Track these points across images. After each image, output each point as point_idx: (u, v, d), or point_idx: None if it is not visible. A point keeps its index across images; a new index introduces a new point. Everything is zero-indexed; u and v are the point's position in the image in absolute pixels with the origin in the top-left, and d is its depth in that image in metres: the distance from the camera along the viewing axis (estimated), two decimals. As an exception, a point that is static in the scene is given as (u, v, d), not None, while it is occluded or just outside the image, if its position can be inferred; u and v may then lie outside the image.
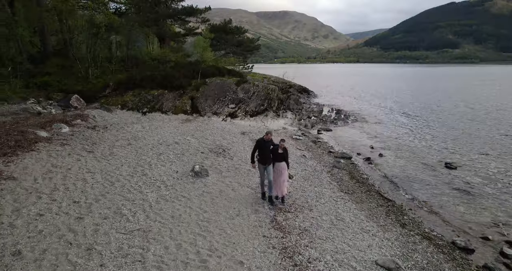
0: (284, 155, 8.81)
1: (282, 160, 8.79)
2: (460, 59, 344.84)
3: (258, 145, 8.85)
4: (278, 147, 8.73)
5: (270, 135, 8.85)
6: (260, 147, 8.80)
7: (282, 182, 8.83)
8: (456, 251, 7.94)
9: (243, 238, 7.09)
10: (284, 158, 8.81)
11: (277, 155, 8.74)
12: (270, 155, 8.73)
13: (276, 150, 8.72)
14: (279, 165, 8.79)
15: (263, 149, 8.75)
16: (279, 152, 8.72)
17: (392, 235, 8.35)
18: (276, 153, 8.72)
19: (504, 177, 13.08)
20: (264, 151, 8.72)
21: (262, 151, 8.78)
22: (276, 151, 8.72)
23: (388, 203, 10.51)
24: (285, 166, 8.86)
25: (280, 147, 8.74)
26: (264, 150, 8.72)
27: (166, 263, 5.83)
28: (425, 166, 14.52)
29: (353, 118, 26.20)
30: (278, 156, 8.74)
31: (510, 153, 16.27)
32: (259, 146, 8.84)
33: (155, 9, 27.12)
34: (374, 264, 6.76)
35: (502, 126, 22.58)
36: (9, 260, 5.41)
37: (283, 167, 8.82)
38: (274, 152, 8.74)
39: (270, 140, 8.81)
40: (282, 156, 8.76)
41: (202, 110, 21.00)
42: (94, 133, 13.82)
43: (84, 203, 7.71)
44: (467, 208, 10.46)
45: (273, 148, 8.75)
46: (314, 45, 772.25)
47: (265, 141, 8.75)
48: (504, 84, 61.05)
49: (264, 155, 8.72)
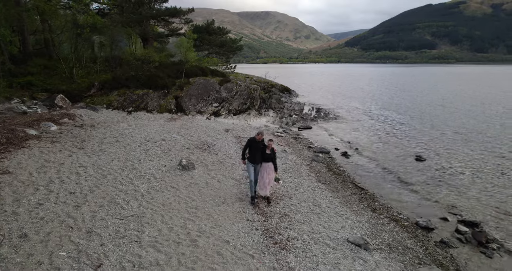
0: (271, 156, 8.87)
1: (269, 161, 8.88)
2: (437, 59, 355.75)
3: (249, 144, 8.96)
4: (266, 148, 8.83)
5: (262, 135, 8.92)
6: (251, 146, 8.91)
7: (268, 182, 8.94)
8: (418, 230, 8.97)
9: (229, 222, 7.85)
10: (271, 158, 8.89)
11: (265, 155, 8.84)
12: (260, 154, 8.83)
13: (264, 150, 8.82)
14: (267, 165, 8.89)
15: (254, 148, 8.85)
16: (267, 152, 8.82)
17: (363, 218, 9.29)
18: (265, 153, 8.82)
19: (464, 167, 14.33)
20: (254, 150, 8.83)
21: (252, 150, 8.88)
22: (264, 151, 8.82)
23: (361, 192, 11.49)
24: (272, 166, 8.94)
25: (268, 148, 8.83)
26: (255, 149, 8.83)
27: (160, 242, 6.53)
28: (397, 159, 15.65)
29: (332, 116, 27.32)
30: (266, 156, 8.84)
31: (471, 146, 17.63)
32: (250, 144, 8.94)
33: (138, 9, 27.43)
34: (346, 241, 7.65)
35: (468, 122, 24.15)
36: (18, 242, 5.99)
37: (270, 167, 8.91)
38: (263, 152, 8.82)
39: (261, 140, 8.91)
40: (270, 156, 8.85)
41: (186, 109, 21.59)
42: (82, 132, 14.25)
43: (79, 193, 8.28)
44: (431, 194, 11.55)
45: (262, 148, 8.85)
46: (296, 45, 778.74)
47: (257, 140, 8.84)
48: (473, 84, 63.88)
49: (254, 154, 8.83)
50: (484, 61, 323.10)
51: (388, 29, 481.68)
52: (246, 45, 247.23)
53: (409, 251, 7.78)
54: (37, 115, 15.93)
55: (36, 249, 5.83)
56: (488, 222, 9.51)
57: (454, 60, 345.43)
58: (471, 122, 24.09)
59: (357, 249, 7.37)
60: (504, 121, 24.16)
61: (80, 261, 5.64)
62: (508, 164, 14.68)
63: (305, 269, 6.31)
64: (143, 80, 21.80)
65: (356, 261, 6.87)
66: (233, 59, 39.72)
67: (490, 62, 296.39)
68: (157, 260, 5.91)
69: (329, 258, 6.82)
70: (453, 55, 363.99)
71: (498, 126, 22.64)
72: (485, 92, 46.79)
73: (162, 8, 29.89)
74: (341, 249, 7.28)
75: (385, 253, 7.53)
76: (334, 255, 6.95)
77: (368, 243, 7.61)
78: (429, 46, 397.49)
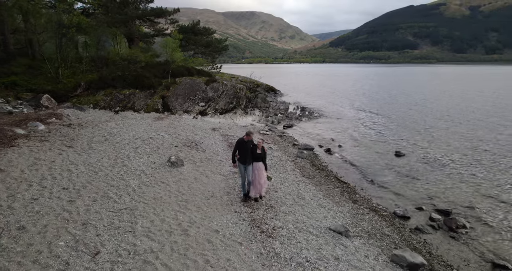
0: (262, 155, 8.87)
1: (260, 160, 8.85)
2: (419, 59, 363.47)
3: (239, 145, 8.88)
4: (257, 147, 8.83)
5: (251, 136, 8.93)
6: (240, 147, 8.86)
7: (260, 182, 8.91)
8: (395, 219, 9.61)
9: (218, 213, 8.29)
10: (262, 158, 8.88)
11: (256, 155, 8.80)
12: (250, 154, 8.79)
13: (254, 150, 8.81)
14: (257, 165, 8.83)
15: (243, 149, 8.81)
16: (258, 152, 8.80)
17: (344, 208, 9.88)
18: (255, 153, 8.80)
19: (440, 161, 15.15)
20: (244, 151, 8.79)
21: (242, 150, 8.83)
22: (254, 151, 8.80)
23: (343, 185, 12.10)
24: (263, 166, 8.92)
25: (258, 147, 8.82)
26: (244, 149, 8.79)
27: (153, 232, 6.91)
28: (378, 154, 16.37)
29: (316, 114, 28.02)
30: (256, 156, 8.80)
31: (447, 142, 18.55)
32: (239, 146, 8.87)
33: (124, 10, 27.46)
34: (328, 229, 8.19)
35: (445, 120, 25.22)
36: (16, 233, 6.28)
37: (261, 167, 8.86)
38: (253, 152, 8.80)
39: (250, 140, 8.92)
40: (260, 156, 8.82)
41: (173, 109, 21.85)
42: (71, 131, 14.40)
43: (72, 189, 8.56)
44: (409, 186, 12.27)
45: (252, 148, 8.83)
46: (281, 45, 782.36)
47: (245, 141, 8.82)
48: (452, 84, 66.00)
49: (244, 155, 8.79)
50: (463, 61, 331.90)
51: (372, 30, 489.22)
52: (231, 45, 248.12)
53: (386, 237, 8.39)
54: (23, 115, 15.97)
55: (35, 240, 6.13)
56: (459, 210, 10.25)
57: (435, 60, 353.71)
58: (447, 121, 25.14)
59: (338, 236, 7.92)
60: (478, 120, 25.34)
61: (78, 249, 5.98)
62: (479, 158, 15.57)
63: (290, 254, 6.79)
64: (129, 80, 21.95)
65: (337, 247, 7.40)
66: (218, 59, 40.02)
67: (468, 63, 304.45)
68: (151, 248, 6.29)
69: (312, 244, 7.33)
70: (434, 56, 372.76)
71: (472, 124, 23.74)
72: (462, 92, 48.50)
73: (148, 9, 30.02)
74: (324, 236, 7.81)
75: (364, 239, 8.11)
76: (317, 242, 7.47)
77: (348, 231, 8.17)
78: (411, 47, 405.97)
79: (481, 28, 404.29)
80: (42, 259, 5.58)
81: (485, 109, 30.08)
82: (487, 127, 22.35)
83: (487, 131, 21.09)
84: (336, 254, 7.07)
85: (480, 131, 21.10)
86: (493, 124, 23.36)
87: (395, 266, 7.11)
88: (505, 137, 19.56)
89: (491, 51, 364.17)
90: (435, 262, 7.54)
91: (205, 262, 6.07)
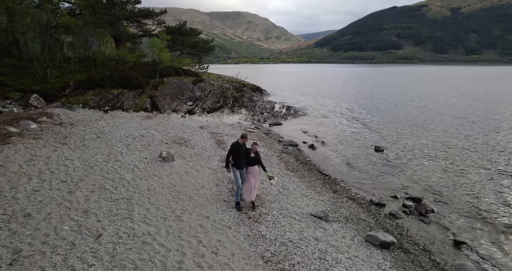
0: (257, 158, 8.67)
1: (255, 164, 8.64)
2: (402, 59, 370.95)
3: (233, 149, 8.54)
4: (250, 151, 8.63)
5: (246, 138, 8.61)
6: (235, 151, 8.54)
7: (253, 187, 8.66)
8: (372, 206, 10.49)
9: (208, 202, 8.97)
10: (257, 161, 8.67)
11: (250, 159, 8.59)
12: (245, 159, 8.56)
13: (248, 154, 8.60)
14: (252, 169, 8.63)
15: (238, 153, 8.52)
16: (252, 155, 8.60)
17: (325, 197, 10.70)
18: (249, 156, 8.59)
19: (415, 155, 16.21)
20: (239, 155, 8.52)
21: (237, 155, 8.54)
22: (248, 155, 8.59)
23: (325, 177, 12.95)
24: (258, 169, 8.70)
25: (252, 151, 8.62)
26: (239, 154, 8.52)
27: (149, 218, 7.55)
28: (358, 150, 17.31)
29: (301, 113, 28.94)
30: (250, 160, 8.60)
31: (423, 137, 19.69)
32: (234, 150, 8.54)
33: (111, 11, 27.75)
34: (309, 215, 8.98)
35: (423, 117, 26.50)
36: (23, 220, 6.82)
37: (256, 171, 8.67)
38: (247, 156, 8.58)
39: (244, 144, 8.65)
40: (255, 160, 8.62)
41: (161, 108, 22.35)
42: (63, 129, 14.81)
43: (70, 182, 9.10)
44: (386, 178, 13.21)
45: (245, 152, 8.61)
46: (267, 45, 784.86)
47: (240, 144, 8.52)
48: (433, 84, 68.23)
49: (239, 159, 8.52)
50: (444, 61, 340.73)
51: (357, 30, 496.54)
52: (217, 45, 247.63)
53: (362, 222, 9.23)
54: (14, 115, 16.24)
55: (41, 225, 6.70)
56: (429, 197, 11.25)
57: (418, 60, 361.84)
58: (424, 119, 26.41)
59: (319, 221, 8.71)
60: (454, 117, 26.71)
61: (82, 232, 6.58)
62: (450, 152, 16.70)
63: (275, 236, 7.54)
64: (118, 80, 22.33)
65: (318, 230, 8.19)
66: (204, 59, 40.53)
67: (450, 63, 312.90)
68: (149, 231, 6.94)
69: (295, 227, 8.09)
70: (417, 56, 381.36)
71: (446, 122, 25.07)
72: (441, 91, 50.38)
73: (135, 10, 30.35)
74: (305, 221, 8.59)
75: (342, 224, 8.93)
76: (299, 226, 8.24)
77: (328, 216, 8.98)
78: (395, 47, 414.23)
79: (462, 29, 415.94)
80: (50, 241, 6.17)
81: (460, 108, 31.60)
82: (460, 124, 23.66)
83: (459, 128, 22.37)
84: (316, 235, 7.85)
85: (452, 128, 22.38)
86: (466, 122, 24.72)
87: (369, 245, 7.94)
88: (475, 133, 20.85)
89: (471, 52, 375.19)
90: (405, 241, 8.43)
91: (198, 243, 6.76)
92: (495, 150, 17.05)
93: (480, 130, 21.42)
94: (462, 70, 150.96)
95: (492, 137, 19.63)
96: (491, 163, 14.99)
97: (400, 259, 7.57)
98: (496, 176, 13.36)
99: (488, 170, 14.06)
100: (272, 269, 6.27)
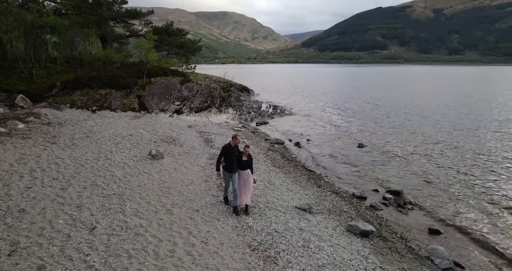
0: (249, 162, 8.47)
1: (247, 168, 8.43)
2: (388, 59, 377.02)
3: (225, 152, 8.32)
4: (243, 154, 8.40)
5: (237, 140, 8.42)
6: (227, 154, 8.29)
7: (247, 191, 8.47)
8: (354, 199, 11.05)
9: (197, 197, 9.34)
10: (249, 165, 8.48)
11: (242, 162, 8.36)
12: (236, 162, 8.33)
13: (240, 157, 8.36)
14: (244, 173, 8.42)
15: (230, 155, 8.26)
16: (244, 159, 8.37)
17: (310, 192, 11.19)
18: (241, 160, 8.35)
19: (395, 151, 16.92)
20: (230, 158, 8.27)
21: (228, 158, 8.29)
22: (240, 158, 8.35)
23: (310, 173, 13.46)
24: (250, 173, 8.50)
25: (244, 154, 8.38)
26: (231, 157, 8.26)
27: (140, 212, 7.88)
28: (342, 147, 17.92)
29: (287, 112, 29.51)
30: (242, 163, 8.37)
31: (403, 135, 20.47)
32: (225, 152, 8.31)
33: (97, 11, 27.72)
34: (294, 208, 9.44)
35: (403, 116, 27.40)
36: (18, 215, 7.07)
37: (248, 175, 8.46)
38: (239, 159, 8.35)
39: (236, 146, 8.44)
40: (247, 163, 8.41)
41: (149, 108, 22.53)
42: (51, 129, 14.91)
43: (62, 179, 9.33)
44: (368, 172, 13.83)
45: (237, 155, 8.38)
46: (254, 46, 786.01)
47: (232, 146, 8.30)
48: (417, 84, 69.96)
49: (231, 162, 8.27)
50: (428, 61, 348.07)
51: (343, 31, 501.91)
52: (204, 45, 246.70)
53: (344, 213, 9.75)
54: (0, 115, 16.25)
55: (36, 219, 6.96)
56: (408, 190, 11.89)
57: (403, 60, 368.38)
58: (405, 118, 27.30)
59: (303, 213, 9.18)
60: (433, 115, 27.70)
61: (76, 225, 6.88)
62: (428, 149, 17.46)
63: (261, 226, 7.96)
64: (105, 80, 22.40)
65: (302, 221, 8.65)
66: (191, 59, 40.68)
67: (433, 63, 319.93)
68: (141, 224, 7.28)
69: (280, 219, 8.54)
70: (402, 56, 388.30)
71: (426, 121, 25.99)
72: (422, 90, 51.78)
73: (122, 10, 30.34)
74: (290, 213, 9.04)
75: (325, 215, 9.42)
76: (284, 217, 8.68)
77: (312, 208, 9.47)
78: (381, 47, 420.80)
79: (445, 30, 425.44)
80: (46, 233, 6.45)
81: (440, 107, 32.73)
82: (438, 122, 24.59)
83: (438, 126, 23.29)
84: (301, 226, 8.31)
85: (430, 126, 23.29)
86: (444, 120, 25.69)
87: (350, 234, 8.45)
88: (453, 131, 21.76)
89: (454, 52, 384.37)
90: (383, 230, 8.98)
91: (188, 233, 7.14)
92: (471, 145, 17.90)
93: (459, 128, 22.36)
94: (446, 70, 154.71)
95: (470, 135, 20.54)
96: (466, 157, 15.79)
97: (379, 246, 8.10)
98: (469, 168, 14.13)
99: (464, 164, 14.83)
100: (259, 256, 6.69)
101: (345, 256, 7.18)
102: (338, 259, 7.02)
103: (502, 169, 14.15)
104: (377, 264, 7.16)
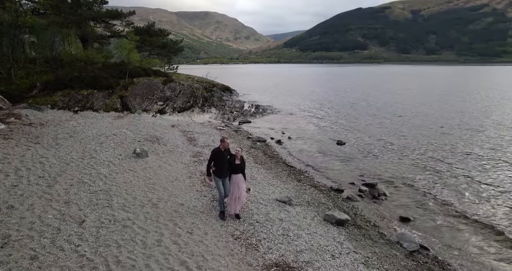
0: (241, 166, 8.12)
1: (239, 172, 8.08)
2: (368, 59, 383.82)
3: (214, 156, 7.97)
4: (235, 158, 8.05)
5: (227, 143, 8.07)
6: (217, 158, 7.96)
7: (239, 197, 8.14)
8: (331, 192, 11.66)
9: (182, 192, 9.71)
10: (241, 169, 8.13)
11: (234, 166, 8.01)
12: (227, 166, 8.00)
13: (233, 161, 8.01)
14: (236, 177, 8.07)
15: (220, 160, 7.94)
16: (236, 162, 8.01)
17: (290, 186, 11.73)
18: (233, 163, 8.00)
19: (372, 148, 17.74)
20: (221, 162, 7.95)
21: (218, 162, 7.95)
22: (233, 162, 8.00)
23: (290, 169, 14.01)
24: (242, 178, 8.17)
25: (237, 157, 8.03)
26: (221, 160, 7.95)
27: (127, 206, 8.21)
28: (322, 144, 18.60)
29: (269, 111, 30.11)
30: (235, 167, 8.02)
31: (380, 132, 21.38)
32: (215, 157, 7.97)
33: (77, 11, 27.52)
34: (275, 200, 9.94)
35: (382, 114, 28.47)
36: (7, 211, 7.29)
37: (241, 180, 8.11)
38: (231, 163, 7.99)
39: (227, 149, 8.18)
40: (239, 167, 8.06)
41: (132, 108, 22.63)
42: (33, 129, 14.93)
43: (48, 177, 9.53)
44: (346, 167, 14.53)
45: (229, 159, 8.05)
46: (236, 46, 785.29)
47: (222, 150, 7.97)
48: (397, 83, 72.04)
49: (221, 166, 7.96)
50: (407, 61, 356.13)
51: (324, 31, 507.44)
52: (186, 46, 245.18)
53: (322, 205, 10.33)
54: (-20, 116, 16.10)
55: (25, 215, 7.21)
56: (382, 183, 12.60)
57: (383, 60, 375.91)
58: (381, 117, 28.37)
59: (283, 205, 9.69)
60: (411, 113, 28.88)
61: (65, 220, 7.17)
62: (402, 145, 18.37)
63: (243, 218, 8.41)
64: (87, 80, 22.35)
65: (282, 212, 9.16)
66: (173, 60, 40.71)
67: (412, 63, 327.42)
68: (128, 217, 7.62)
69: (261, 211, 9.02)
70: (382, 56, 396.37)
71: (401, 118, 27.11)
72: (402, 89, 53.49)
73: (102, 10, 30.18)
74: (271, 205, 9.54)
75: (304, 207, 9.97)
76: (265, 209, 9.17)
77: (291, 201, 9.99)
78: (361, 47, 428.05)
79: (422, 30, 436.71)
80: (36, 227, 6.72)
81: (414, 105, 34.07)
82: (412, 120, 25.72)
83: (412, 124, 24.39)
84: (281, 216, 8.81)
85: (405, 124, 24.39)
86: (418, 118, 26.87)
87: (326, 223, 9.01)
88: (425, 129, 22.84)
89: (431, 52, 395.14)
90: (358, 219, 9.61)
91: (174, 225, 7.53)
92: (442, 141, 18.91)
93: (431, 126, 23.47)
94: (423, 69, 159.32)
95: (442, 131, 21.63)
96: (435, 152, 16.73)
97: (353, 233, 8.69)
98: (438, 162, 15.03)
99: (433, 158, 15.73)
100: (241, 244, 7.15)
101: (321, 243, 7.73)
102: (315, 245, 7.55)
103: (471, 160, 15.13)
104: (351, 249, 7.74)
